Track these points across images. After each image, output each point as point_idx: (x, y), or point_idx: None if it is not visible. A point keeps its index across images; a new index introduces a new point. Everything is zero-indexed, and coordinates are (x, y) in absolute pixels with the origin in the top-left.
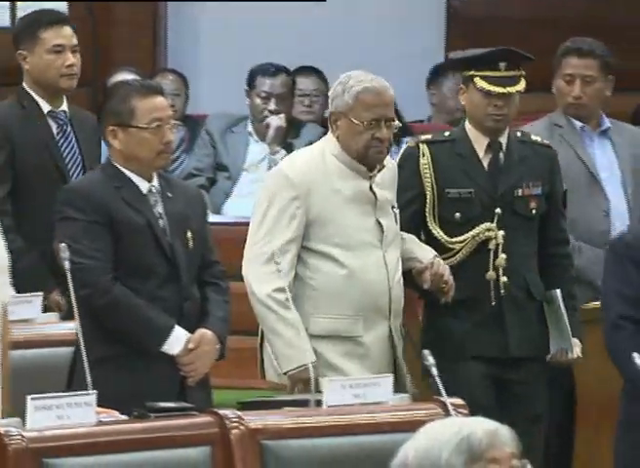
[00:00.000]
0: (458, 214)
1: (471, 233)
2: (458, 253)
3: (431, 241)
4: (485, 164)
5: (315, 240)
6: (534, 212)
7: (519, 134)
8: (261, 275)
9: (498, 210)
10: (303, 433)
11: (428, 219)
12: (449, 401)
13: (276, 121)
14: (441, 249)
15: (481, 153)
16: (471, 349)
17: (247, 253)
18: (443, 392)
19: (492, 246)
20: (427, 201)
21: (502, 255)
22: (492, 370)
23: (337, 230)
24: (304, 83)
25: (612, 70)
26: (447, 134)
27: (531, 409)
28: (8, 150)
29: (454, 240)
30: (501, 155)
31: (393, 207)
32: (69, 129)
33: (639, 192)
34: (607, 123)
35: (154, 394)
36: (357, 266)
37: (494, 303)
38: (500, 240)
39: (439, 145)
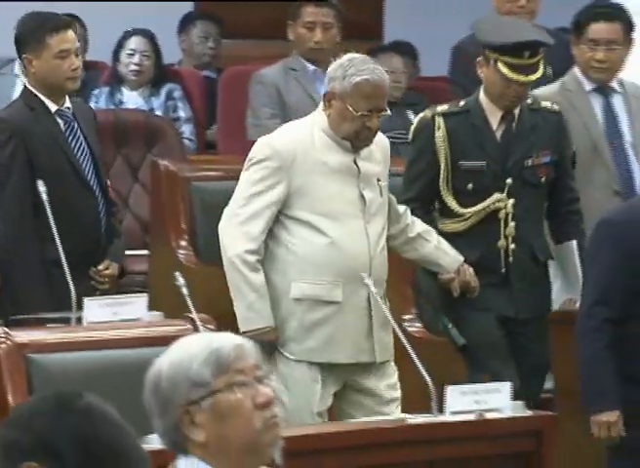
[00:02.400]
0: (470, 185)
1: (482, 204)
2: (467, 219)
3: (443, 206)
4: (498, 135)
5: (298, 208)
6: (543, 180)
7: (529, 101)
8: (234, 235)
9: (508, 180)
10: (66, 347)
11: (442, 189)
12: (197, 316)
13: None
14: (452, 214)
15: (495, 124)
16: (481, 304)
17: (226, 210)
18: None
19: (502, 215)
20: (441, 172)
21: (512, 224)
22: (500, 323)
23: (320, 200)
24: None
25: (342, 19)
26: (462, 104)
27: (534, 361)
28: (25, 156)
29: (466, 210)
30: (514, 125)
31: (379, 180)
32: (75, 125)
33: None
34: None
35: None
36: (338, 235)
37: (503, 270)
38: (510, 209)
39: (454, 117)
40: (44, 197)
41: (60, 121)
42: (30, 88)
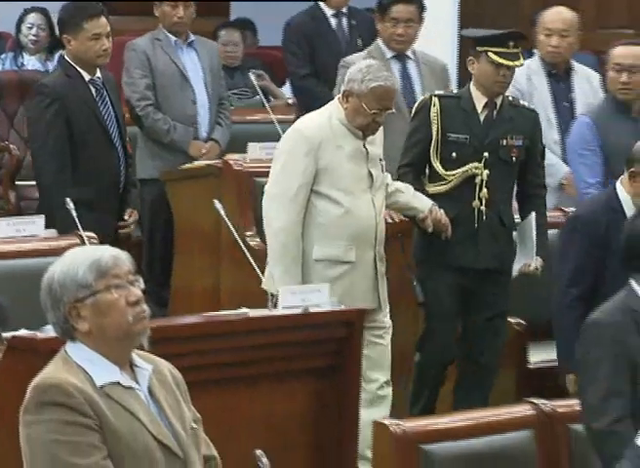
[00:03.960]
0: (454, 154)
1: (462, 169)
2: (449, 182)
3: (431, 171)
4: (481, 118)
5: (320, 184)
6: (514, 159)
7: (511, 98)
8: (280, 211)
9: (485, 153)
10: None
11: (432, 155)
12: (84, 234)
13: None
14: (438, 177)
15: (480, 109)
16: (450, 258)
17: (269, 191)
18: (80, 227)
19: (478, 181)
20: (433, 141)
21: (485, 189)
22: (465, 281)
23: (338, 178)
24: None
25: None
26: (455, 92)
27: (497, 309)
28: (64, 116)
29: (449, 173)
30: (495, 112)
31: (381, 159)
32: (104, 92)
33: (216, 87)
34: (192, 37)
35: None
36: (352, 206)
37: (476, 225)
38: (485, 177)
39: (448, 99)
40: None
41: (92, 88)
42: (68, 59)
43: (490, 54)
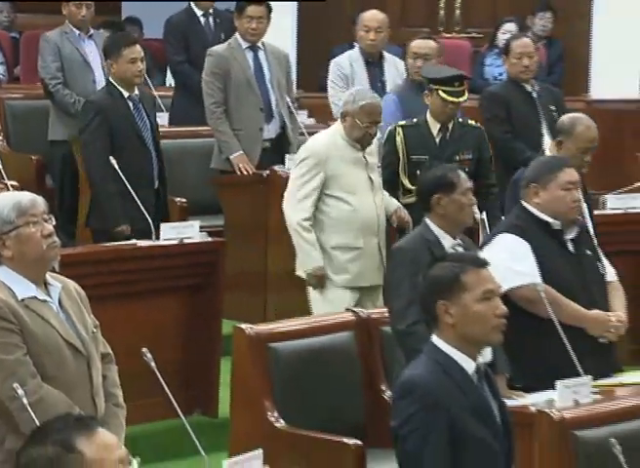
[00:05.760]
0: (418, 172)
1: None
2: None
3: (403, 188)
4: (437, 140)
5: (332, 188)
6: (466, 169)
7: (460, 120)
8: (294, 209)
9: None
10: None
11: (401, 174)
12: (8, 182)
13: None
14: (408, 191)
15: (435, 133)
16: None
17: (286, 193)
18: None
19: None
20: (400, 163)
21: None
22: None
23: (345, 182)
24: None
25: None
26: (415, 120)
27: None
28: (107, 126)
29: (414, 187)
30: (448, 134)
31: (378, 166)
32: (141, 106)
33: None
34: (92, 31)
35: None
36: (358, 205)
37: None
38: None
39: (409, 128)
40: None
41: (130, 103)
42: (112, 80)
43: (440, 92)
